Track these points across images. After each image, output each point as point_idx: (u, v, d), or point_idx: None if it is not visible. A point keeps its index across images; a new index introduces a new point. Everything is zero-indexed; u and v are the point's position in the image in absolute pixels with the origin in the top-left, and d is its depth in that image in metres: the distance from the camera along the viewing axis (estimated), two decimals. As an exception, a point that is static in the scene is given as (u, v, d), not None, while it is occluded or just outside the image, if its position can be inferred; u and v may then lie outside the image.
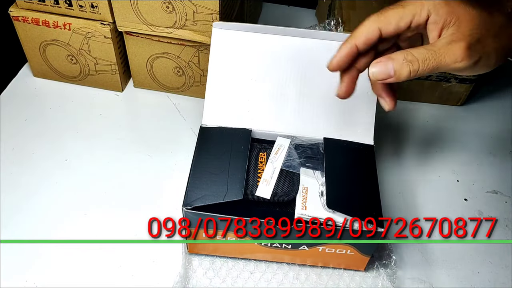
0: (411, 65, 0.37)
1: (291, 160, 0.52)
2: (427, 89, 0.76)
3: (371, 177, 0.51)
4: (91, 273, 0.55)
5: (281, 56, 0.56)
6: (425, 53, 0.37)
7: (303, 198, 0.50)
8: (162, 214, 0.59)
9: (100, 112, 0.72)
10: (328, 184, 0.49)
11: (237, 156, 0.53)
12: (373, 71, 0.39)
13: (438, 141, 0.72)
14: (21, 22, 0.68)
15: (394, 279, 0.56)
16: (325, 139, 0.54)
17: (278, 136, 0.55)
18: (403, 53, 0.38)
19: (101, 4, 0.65)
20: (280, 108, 0.56)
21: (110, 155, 0.66)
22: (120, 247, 0.57)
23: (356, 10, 0.73)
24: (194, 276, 0.55)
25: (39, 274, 0.54)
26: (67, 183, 0.63)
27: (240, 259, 0.56)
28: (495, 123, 0.76)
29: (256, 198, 0.50)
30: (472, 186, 0.67)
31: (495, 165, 0.70)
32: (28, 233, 0.57)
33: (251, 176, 0.52)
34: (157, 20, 0.65)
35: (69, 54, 0.71)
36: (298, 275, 0.56)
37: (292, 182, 0.52)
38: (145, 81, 0.75)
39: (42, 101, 0.73)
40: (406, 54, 0.37)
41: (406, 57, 0.37)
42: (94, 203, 0.61)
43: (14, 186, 0.62)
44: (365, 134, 0.56)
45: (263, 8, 0.93)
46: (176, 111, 0.73)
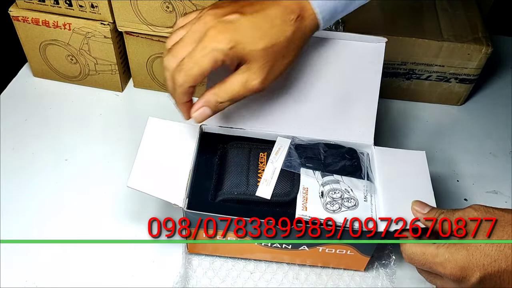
0: (222, 104, 0.46)
1: (291, 160, 0.52)
2: (427, 89, 0.76)
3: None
4: (91, 273, 0.55)
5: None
6: (228, 92, 0.45)
7: (304, 198, 0.50)
8: (162, 214, 0.59)
9: (100, 112, 0.72)
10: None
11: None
12: (195, 116, 0.47)
13: (438, 141, 0.72)
14: (21, 22, 0.68)
15: (394, 279, 0.56)
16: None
17: (278, 136, 0.55)
18: (213, 97, 0.45)
19: (101, 4, 0.65)
20: (280, 108, 0.56)
21: (110, 155, 0.66)
22: (120, 247, 0.57)
23: (356, 10, 0.73)
24: (194, 276, 0.55)
25: (39, 274, 0.54)
26: (67, 183, 0.63)
27: (240, 259, 0.56)
28: (495, 123, 0.76)
29: (256, 198, 0.50)
30: (472, 186, 0.67)
31: (495, 165, 0.70)
32: (28, 233, 0.57)
33: (251, 176, 0.52)
34: (157, 20, 0.65)
35: (69, 54, 0.71)
36: (298, 275, 0.56)
37: (293, 182, 0.52)
38: (145, 81, 0.75)
39: (42, 101, 0.73)
40: (216, 97, 0.45)
41: (217, 100, 0.45)
42: (94, 203, 0.61)
43: (14, 185, 0.62)
44: (365, 134, 0.56)
45: (263, 8, 0.93)
46: (176, 111, 0.73)
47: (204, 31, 0.43)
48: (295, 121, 0.55)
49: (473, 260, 0.41)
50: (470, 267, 0.41)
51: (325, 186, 0.51)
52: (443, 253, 0.43)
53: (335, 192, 0.50)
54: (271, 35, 0.43)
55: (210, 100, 0.45)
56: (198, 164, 0.53)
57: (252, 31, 0.43)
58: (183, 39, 0.44)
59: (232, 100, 0.45)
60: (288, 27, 0.44)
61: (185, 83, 0.44)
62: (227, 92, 0.45)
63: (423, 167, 0.53)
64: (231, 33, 0.42)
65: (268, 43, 0.43)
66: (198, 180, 0.52)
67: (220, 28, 0.43)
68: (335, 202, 0.49)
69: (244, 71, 0.44)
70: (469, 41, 0.69)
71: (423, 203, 0.49)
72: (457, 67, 0.72)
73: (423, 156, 0.54)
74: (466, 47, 0.69)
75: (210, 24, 0.43)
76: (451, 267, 0.42)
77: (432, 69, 0.72)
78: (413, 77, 0.74)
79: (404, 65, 0.72)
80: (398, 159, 0.54)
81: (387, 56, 0.56)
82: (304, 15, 0.44)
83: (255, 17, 0.43)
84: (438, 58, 0.71)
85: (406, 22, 0.71)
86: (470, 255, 0.41)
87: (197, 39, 0.43)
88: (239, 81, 0.44)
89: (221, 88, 0.45)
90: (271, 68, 0.45)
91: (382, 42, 0.56)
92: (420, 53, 0.70)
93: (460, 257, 0.42)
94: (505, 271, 0.40)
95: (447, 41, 0.69)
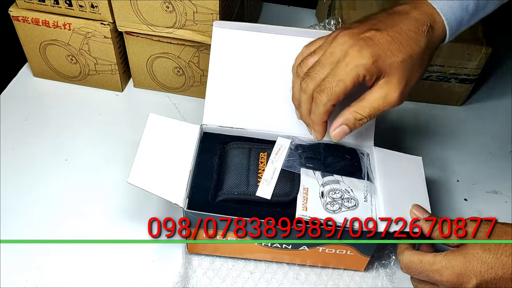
0: (361, 121, 0.46)
1: (291, 160, 0.52)
2: (427, 89, 0.76)
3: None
4: (91, 273, 0.55)
5: (282, 56, 0.56)
6: (367, 108, 0.46)
7: (304, 198, 0.50)
8: (162, 214, 0.59)
9: (100, 112, 0.72)
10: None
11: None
12: (334, 135, 0.48)
13: (438, 141, 0.72)
14: (21, 22, 0.68)
15: (394, 279, 0.56)
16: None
17: (278, 136, 0.55)
18: (352, 114, 0.46)
19: (101, 4, 0.65)
20: (281, 108, 0.56)
21: (110, 155, 0.66)
22: (120, 247, 0.57)
23: (356, 10, 0.73)
24: (194, 276, 0.55)
25: (39, 274, 0.54)
26: (67, 183, 0.63)
27: (240, 259, 0.56)
28: (495, 123, 0.76)
29: (257, 198, 0.50)
30: (472, 186, 0.67)
31: (495, 165, 0.70)
32: (28, 233, 0.57)
33: (252, 176, 0.52)
34: (157, 20, 0.65)
35: (69, 54, 0.71)
36: (298, 275, 0.56)
37: (293, 182, 0.52)
38: (145, 81, 0.75)
39: (42, 101, 0.73)
40: (355, 115, 0.46)
41: (355, 118, 0.46)
42: (94, 203, 0.61)
43: (14, 186, 0.62)
44: (366, 135, 0.56)
45: (263, 8, 0.93)
46: (176, 111, 0.73)
47: (344, 50, 0.45)
48: (295, 121, 0.55)
49: (470, 267, 0.42)
50: (467, 274, 0.42)
51: (325, 186, 0.51)
52: (440, 261, 0.43)
53: (335, 192, 0.50)
54: (408, 47, 0.45)
55: (349, 118, 0.46)
56: (198, 164, 0.53)
57: (390, 45, 0.44)
58: (321, 62, 0.46)
59: (371, 116, 0.46)
60: (422, 38, 0.45)
61: (328, 102, 0.45)
62: (367, 108, 0.46)
63: (419, 172, 0.54)
64: (372, 48, 0.44)
65: (405, 54, 0.44)
66: (198, 180, 0.52)
67: (361, 44, 0.44)
68: (335, 202, 0.49)
69: (384, 85, 0.45)
70: (469, 41, 0.69)
71: (422, 208, 0.49)
72: (457, 67, 0.72)
73: (420, 162, 0.55)
74: (466, 47, 0.69)
75: (350, 43, 0.44)
76: (448, 274, 0.43)
77: (432, 69, 0.72)
78: (413, 77, 0.74)
79: (404, 65, 0.72)
80: (396, 162, 0.55)
81: (387, 56, 0.56)
82: (434, 26, 0.46)
83: (390, 31, 0.45)
84: (438, 58, 0.71)
85: (406, 22, 0.71)
86: (467, 262, 0.42)
87: (335, 60, 0.45)
88: (380, 96, 0.45)
89: (360, 105, 0.46)
90: (408, 80, 0.46)
91: (382, 42, 0.56)
92: (420, 53, 0.70)
93: (457, 264, 0.42)
94: (501, 278, 0.41)
95: (447, 41, 0.69)
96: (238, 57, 0.56)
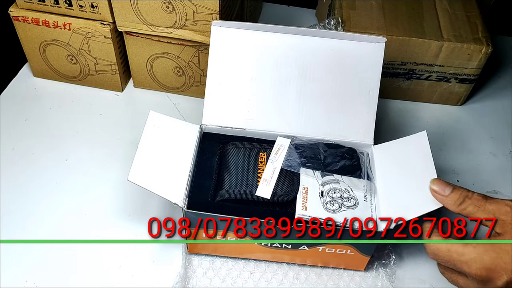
0: None
1: (291, 160, 0.52)
2: (427, 89, 0.76)
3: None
4: (91, 273, 0.55)
5: (281, 55, 0.56)
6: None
7: (304, 198, 0.50)
8: (162, 214, 0.59)
9: (100, 112, 0.72)
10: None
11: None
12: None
13: (438, 141, 0.72)
14: (21, 22, 0.68)
15: (394, 279, 0.56)
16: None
17: (278, 136, 0.55)
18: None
19: (101, 4, 0.65)
20: (280, 108, 0.56)
21: (110, 155, 0.66)
22: (120, 247, 0.57)
23: (356, 10, 0.73)
24: (194, 276, 0.55)
25: (39, 274, 0.54)
26: (67, 183, 0.63)
27: (240, 259, 0.56)
28: (495, 123, 0.76)
29: (256, 198, 0.50)
30: (472, 186, 0.67)
31: (495, 165, 0.70)
32: (28, 233, 0.57)
33: (251, 176, 0.52)
34: (157, 20, 0.65)
35: (69, 54, 0.71)
36: (298, 275, 0.56)
37: (292, 182, 0.52)
38: (145, 81, 0.75)
39: (42, 101, 0.73)
40: None
41: None
42: (94, 203, 0.61)
43: (14, 186, 0.62)
44: (365, 134, 0.56)
45: (263, 8, 0.93)
46: (176, 111, 0.73)
47: None
48: (295, 121, 0.55)
49: (501, 263, 0.40)
50: (497, 270, 0.41)
51: (325, 186, 0.51)
52: (469, 252, 0.42)
53: (335, 191, 0.50)
54: None
55: None
56: (198, 163, 0.53)
57: None
58: None
59: None
60: None
61: None
62: None
63: (425, 149, 0.51)
64: None
65: None
66: (198, 180, 0.52)
67: None
68: (335, 201, 0.49)
69: None
70: (469, 41, 0.69)
71: (444, 182, 0.46)
72: (457, 67, 0.72)
73: (424, 136, 0.52)
74: (466, 47, 0.69)
75: None
76: (476, 268, 0.41)
77: (432, 69, 0.72)
78: (413, 77, 0.74)
79: (404, 65, 0.72)
80: (399, 149, 0.53)
81: (387, 56, 0.56)
82: None
83: None
84: (438, 58, 0.71)
85: (406, 22, 0.71)
86: (498, 258, 0.41)
87: None
88: None
89: None
90: None
91: (382, 42, 0.56)
92: (420, 53, 0.70)
93: (488, 258, 0.41)
94: None
95: (447, 41, 0.69)
96: (237, 57, 0.56)
